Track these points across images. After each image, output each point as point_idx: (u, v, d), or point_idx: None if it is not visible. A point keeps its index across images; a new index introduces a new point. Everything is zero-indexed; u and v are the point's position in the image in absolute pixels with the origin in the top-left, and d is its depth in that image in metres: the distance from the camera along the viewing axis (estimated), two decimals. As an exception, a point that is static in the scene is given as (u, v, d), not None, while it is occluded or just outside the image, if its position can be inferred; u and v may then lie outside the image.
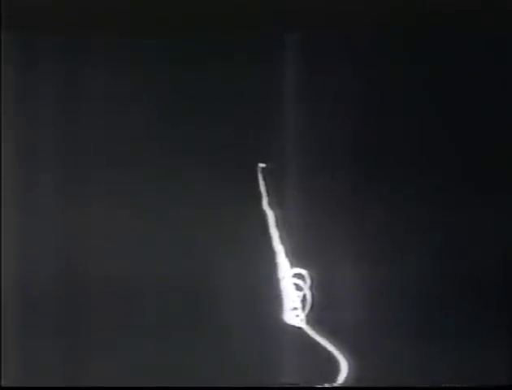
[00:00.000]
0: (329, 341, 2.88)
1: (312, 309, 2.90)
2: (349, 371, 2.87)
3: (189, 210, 2.90)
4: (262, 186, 2.93)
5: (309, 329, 2.89)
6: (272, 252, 2.90)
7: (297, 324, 2.90)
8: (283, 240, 2.90)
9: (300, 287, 2.90)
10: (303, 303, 2.90)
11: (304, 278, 2.90)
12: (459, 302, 2.88)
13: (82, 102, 2.93)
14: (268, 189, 2.93)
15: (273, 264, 2.90)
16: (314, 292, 2.89)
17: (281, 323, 2.89)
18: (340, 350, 2.87)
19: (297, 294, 2.90)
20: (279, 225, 2.91)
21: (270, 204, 2.92)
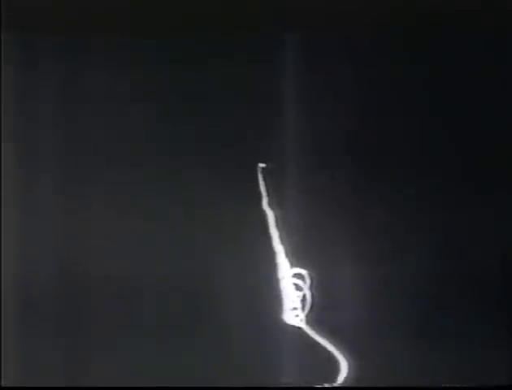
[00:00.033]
0: (329, 341, 2.88)
1: (312, 309, 2.90)
2: (349, 371, 2.87)
3: (189, 210, 2.90)
4: (262, 186, 2.93)
5: (309, 329, 2.89)
6: (272, 252, 2.90)
7: (297, 324, 2.90)
8: (283, 240, 2.90)
9: (300, 287, 2.90)
10: (303, 303, 2.90)
11: (304, 278, 2.90)
12: (459, 302, 2.88)
13: (82, 102, 2.93)
14: (268, 189, 2.93)
15: (273, 264, 2.90)
16: (313, 292, 2.89)
17: (281, 323, 2.89)
18: (340, 350, 2.87)
19: (297, 294, 2.90)
20: (279, 225, 2.91)
21: (270, 204, 2.92)
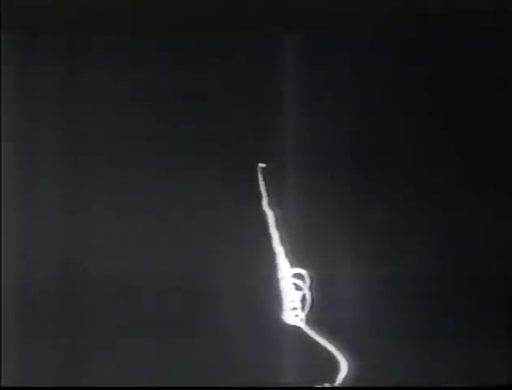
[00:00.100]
0: (329, 341, 2.88)
1: (312, 309, 2.90)
2: (349, 371, 2.87)
3: (189, 210, 2.90)
4: (262, 186, 2.93)
5: (308, 329, 2.89)
6: (272, 252, 2.90)
7: (297, 324, 2.90)
8: (283, 240, 2.90)
9: (299, 287, 2.90)
10: (303, 303, 2.90)
11: (304, 278, 2.90)
12: (459, 302, 2.88)
13: (82, 102, 2.93)
14: (268, 189, 2.93)
15: (273, 264, 2.90)
16: (313, 292, 2.89)
17: (281, 323, 2.89)
18: (339, 350, 2.87)
19: (297, 294, 2.90)
20: (279, 225, 2.91)
21: (270, 204, 2.92)
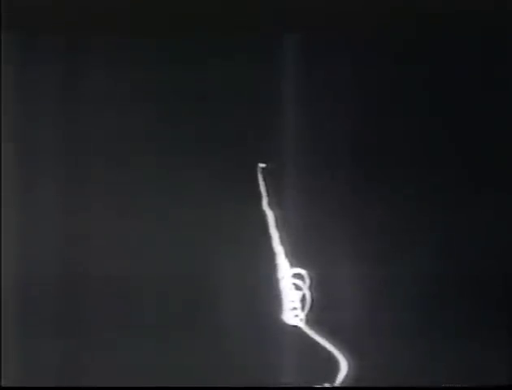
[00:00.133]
0: (329, 341, 2.87)
1: (311, 309, 2.89)
2: (349, 371, 2.86)
3: (189, 210, 2.90)
4: (262, 186, 2.93)
5: (308, 329, 2.89)
6: (272, 252, 2.90)
7: (297, 324, 2.90)
8: (283, 240, 2.90)
9: (299, 287, 2.90)
10: (303, 303, 2.90)
11: (303, 278, 2.90)
12: (459, 302, 2.88)
13: (82, 102, 2.93)
14: (268, 189, 2.93)
15: (273, 264, 2.90)
16: (313, 292, 2.89)
17: (281, 323, 2.89)
18: (339, 350, 2.87)
19: (297, 294, 2.90)
20: (279, 225, 2.91)
21: (270, 204, 2.92)
